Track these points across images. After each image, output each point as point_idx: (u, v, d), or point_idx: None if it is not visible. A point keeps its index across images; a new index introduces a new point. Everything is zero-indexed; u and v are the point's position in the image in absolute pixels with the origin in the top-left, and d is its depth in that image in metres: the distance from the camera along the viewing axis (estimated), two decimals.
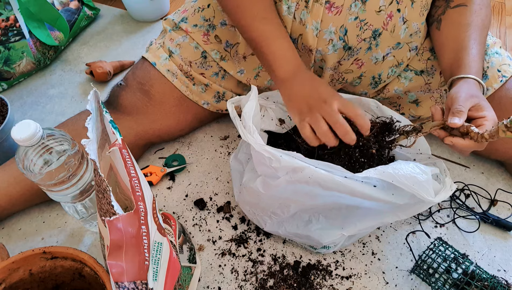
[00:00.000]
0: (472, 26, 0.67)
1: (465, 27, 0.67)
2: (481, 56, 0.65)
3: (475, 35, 0.66)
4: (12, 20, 0.98)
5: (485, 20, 0.69)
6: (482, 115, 0.56)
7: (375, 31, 0.70)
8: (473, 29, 0.67)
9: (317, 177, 0.54)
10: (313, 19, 0.68)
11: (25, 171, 0.57)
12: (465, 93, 0.57)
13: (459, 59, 0.65)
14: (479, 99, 0.57)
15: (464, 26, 0.68)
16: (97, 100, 0.53)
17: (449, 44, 0.69)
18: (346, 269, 0.73)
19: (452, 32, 0.69)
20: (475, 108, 0.57)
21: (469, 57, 0.64)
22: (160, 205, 0.82)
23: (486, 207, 0.82)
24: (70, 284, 0.55)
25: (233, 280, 0.71)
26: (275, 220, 0.68)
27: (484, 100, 0.58)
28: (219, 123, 0.97)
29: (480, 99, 0.57)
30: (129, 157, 0.49)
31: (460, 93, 0.58)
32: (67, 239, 0.76)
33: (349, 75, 0.78)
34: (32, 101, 1.04)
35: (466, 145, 0.55)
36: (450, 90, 0.61)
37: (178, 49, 0.81)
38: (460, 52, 0.66)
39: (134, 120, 0.81)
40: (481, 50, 0.66)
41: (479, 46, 0.66)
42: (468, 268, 0.68)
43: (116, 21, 1.30)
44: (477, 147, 0.56)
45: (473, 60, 0.64)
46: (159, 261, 0.47)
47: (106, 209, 0.46)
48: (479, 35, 0.67)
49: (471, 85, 0.60)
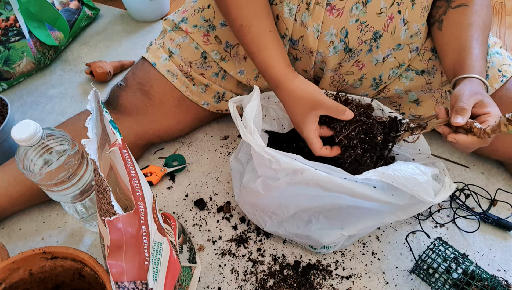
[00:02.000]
0: (474, 26, 0.67)
1: (467, 27, 0.67)
2: (483, 55, 0.65)
3: (477, 35, 0.66)
4: (12, 20, 0.98)
5: (486, 20, 0.68)
6: (486, 112, 0.55)
7: (376, 33, 0.70)
8: (475, 29, 0.67)
9: (317, 179, 0.54)
10: (314, 21, 0.68)
11: (25, 171, 0.57)
12: (468, 91, 0.57)
13: (462, 59, 0.65)
14: (482, 96, 0.57)
15: (466, 26, 0.67)
16: (97, 100, 0.53)
17: (451, 44, 0.69)
18: (346, 269, 0.73)
19: (454, 32, 0.69)
20: (479, 105, 0.56)
21: (472, 57, 0.64)
22: (160, 205, 0.82)
23: (486, 207, 0.82)
24: (70, 284, 0.55)
25: (233, 280, 0.71)
26: (275, 220, 0.68)
27: (487, 97, 0.58)
28: (219, 123, 0.97)
29: (484, 96, 0.57)
30: (129, 157, 0.49)
31: (463, 91, 0.58)
32: (67, 239, 0.76)
33: (349, 77, 0.78)
34: (32, 101, 1.04)
35: (469, 141, 0.55)
36: (454, 89, 0.61)
37: (178, 49, 0.81)
38: (462, 52, 0.66)
39: (134, 120, 0.81)
40: (483, 50, 0.66)
41: (482, 45, 0.66)
42: (468, 268, 0.68)
43: (116, 21, 1.30)
44: (481, 143, 0.55)
45: (476, 59, 0.64)
46: (159, 261, 0.47)
47: (106, 209, 0.46)
48: (481, 34, 0.67)
49: (474, 84, 0.60)
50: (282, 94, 0.65)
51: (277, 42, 0.66)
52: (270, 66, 0.65)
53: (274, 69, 0.65)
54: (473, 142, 0.55)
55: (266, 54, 0.65)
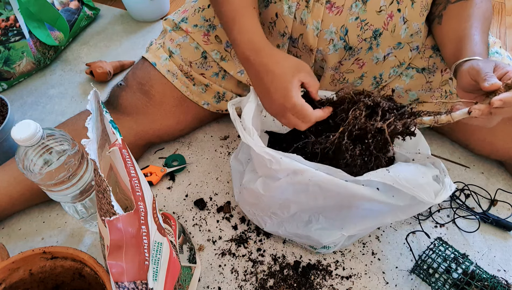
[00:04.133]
0: (473, 16, 0.67)
1: (466, 18, 0.67)
2: (484, 41, 0.64)
3: (477, 24, 0.66)
4: (12, 20, 0.98)
5: (486, 12, 0.68)
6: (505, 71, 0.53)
7: (376, 31, 0.70)
8: (474, 19, 0.66)
9: (318, 179, 0.54)
10: (314, 19, 0.68)
11: (25, 171, 0.57)
12: (481, 62, 0.55)
13: (462, 47, 0.64)
14: (493, 61, 0.55)
15: (465, 17, 0.67)
16: (97, 100, 0.53)
17: (450, 36, 0.68)
18: (346, 269, 0.73)
19: (453, 25, 0.68)
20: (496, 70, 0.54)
21: (472, 43, 0.63)
22: (160, 205, 0.82)
23: (486, 207, 0.82)
24: (70, 284, 0.55)
25: (233, 280, 0.71)
26: (275, 220, 0.68)
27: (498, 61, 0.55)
28: (219, 123, 0.97)
29: (495, 61, 0.55)
30: (129, 157, 0.49)
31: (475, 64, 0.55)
32: (67, 239, 0.76)
33: (350, 75, 0.78)
34: (32, 101, 1.04)
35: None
36: (460, 70, 0.59)
37: (178, 49, 0.81)
38: (462, 40, 0.65)
39: (134, 120, 0.81)
40: (484, 37, 0.64)
41: (482, 33, 0.65)
42: (468, 268, 0.68)
43: (116, 21, 1.30)
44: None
45: (476, 45, 0.62)
46: (159, 261, 0.47)
47: (106, 209, 0.46)
48: (481, 24, 0.66)
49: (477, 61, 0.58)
50: (265, 58, 0.60)
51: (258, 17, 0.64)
52: (254, 31, 0.62)
53: (258, 34, 0.62)
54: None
55: (250, 21, 0.63)
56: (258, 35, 0.62)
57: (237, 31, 0.62)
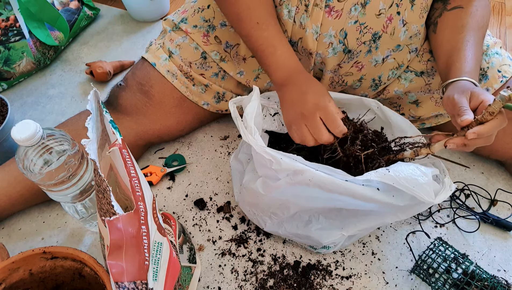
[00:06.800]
0: (466, 27, 0.67)
1: (459, 29, 0.67)
2: (475, 56, 0.65)
3: (469, 36, 0.66)
4: (12, 20, 0.98)
5: (480, 20, 0.68)
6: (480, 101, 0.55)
7: (375, 34, 0.70)
8: (467, 31, 0.66)
9: (318, 180, 0.54)
10: (313, 23, 0.68)
11: (25, 171, 0.57)
12: (456, 94, 0.57)
13: (451, 63, 0.65)
14: (470, 89, 0.56)
15: (458, 28, 0.67)
16: (97, 100, 0.53)
17: (443, 47, 0.69)
18: (346, 269, 0.73)
19: (446, 35, 0.69)
20: (471, 99, 0.56)
21: (461, 59, 0.64)
22: (160, 205, 0.82)
23: (486, 207, 0.82)
24: (70, 284, 0.55)
25: (233, 280, 0.71)
26: (275, 220, 0.68)
27: (475, 88, 0.57)
28: (219, 123, 0.97)
29: (472, 89, 0.56)
30: (129, 157, 0.49)
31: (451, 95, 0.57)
32: (67, 239, 0.76)
33: (349, 78, 0.78)
34: (32, 101, 1.04)
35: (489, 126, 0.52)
36: (445, 93, 0.61)
37: (178, 49, 0.82)
38: (452, 55, 0.65)
39: (134, 120, 0.81)
40: (476, 51, 0.65)
41: (474, 46, 0.65)
42: (468, 268, 0.68)
43: (116, 21, 1.30)
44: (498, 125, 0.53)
45: (465, 61, 0.63)
46: (159, 261, 0.47)
47: (106, 209, 0.46)
48: (474, 35, 0.66)
49: (461, 84, 0.60)
50: (302, 77, 0.65)
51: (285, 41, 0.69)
52: (290, 58, 0.67)
53: (294, 60, 0.67)
54: (493, 125, 0.52)
55: (288, 48, 0.67)
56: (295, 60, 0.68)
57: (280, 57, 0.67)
